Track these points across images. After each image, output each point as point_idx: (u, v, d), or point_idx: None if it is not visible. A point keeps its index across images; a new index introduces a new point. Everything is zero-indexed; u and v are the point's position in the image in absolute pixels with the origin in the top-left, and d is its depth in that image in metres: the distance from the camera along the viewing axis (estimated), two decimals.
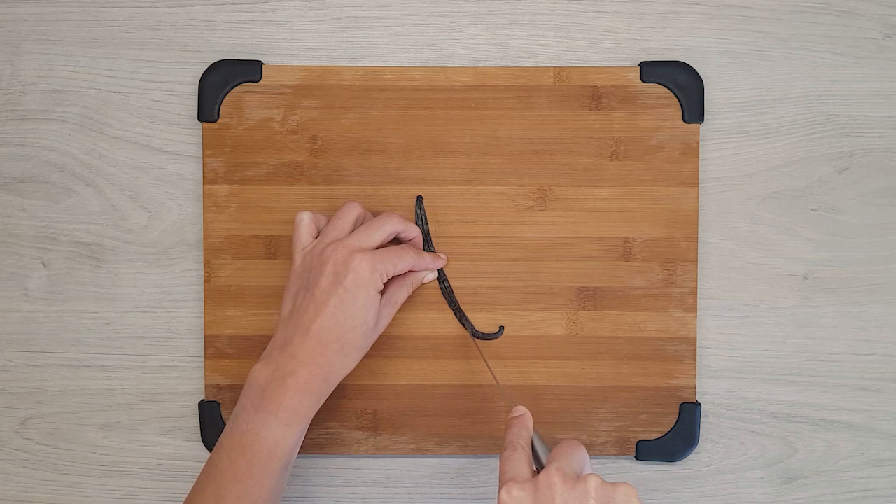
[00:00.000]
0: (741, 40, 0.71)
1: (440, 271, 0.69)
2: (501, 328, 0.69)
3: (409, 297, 0.68)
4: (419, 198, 0.69)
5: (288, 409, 0.60)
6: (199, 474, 0.62)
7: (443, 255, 0.68)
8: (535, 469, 0.58)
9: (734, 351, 0.71)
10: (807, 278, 0.71)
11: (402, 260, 0.64)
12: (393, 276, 0.65)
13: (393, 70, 0.69)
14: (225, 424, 0.69)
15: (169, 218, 0.71)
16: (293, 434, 0.60)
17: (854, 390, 0.71)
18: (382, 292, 0.64)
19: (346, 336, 0.61)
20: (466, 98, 0.69)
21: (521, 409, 0.61)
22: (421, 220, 0.69)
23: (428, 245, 0.69)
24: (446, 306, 0.69)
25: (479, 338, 0.69)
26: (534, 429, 0.60)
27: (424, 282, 0.68)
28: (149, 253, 0.71)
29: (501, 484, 0.55)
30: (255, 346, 0.69)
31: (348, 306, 0.61)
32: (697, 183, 0.69)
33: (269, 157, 0.69)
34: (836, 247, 0.71)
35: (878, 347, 0.71)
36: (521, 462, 0.57)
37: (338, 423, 0.69)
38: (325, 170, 0.69)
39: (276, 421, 0.60)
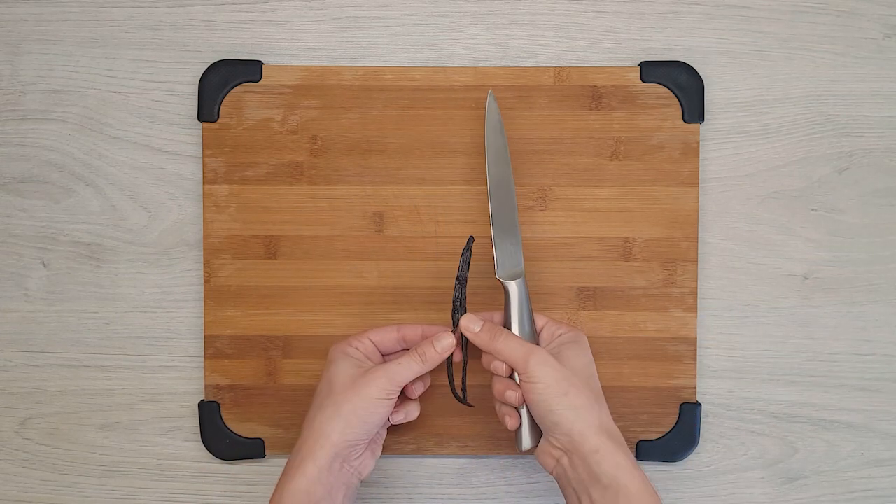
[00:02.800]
0: (741, 40, 0.71)
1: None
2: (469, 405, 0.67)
3: (409, 300, 0.68)
4: (471, 239, 0.65)
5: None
6: None
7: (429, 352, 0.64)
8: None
9: (734, 351, 0.71)
10: (807, 278, 0.71)
11: (379, 330, 0.65)
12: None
13: (393, 70, 0.69)
14: (224, 425, 0.70)
15: (169, 218, 0.71)
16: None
17: (854, 390, 0.71)
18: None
19: (312, 403, 0.63)
20: (466, 98, 0.69)
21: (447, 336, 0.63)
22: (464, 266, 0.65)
23: (461, 286, 0.65)
24: (446, 307, 0.69)
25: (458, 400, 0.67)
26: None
27: (437, 350, 0.63)
28: (149, 253, 0.71)
29: (520, 367, 0.60)
30: (255, 346, 0.69)
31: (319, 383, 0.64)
32: (697, 183, 0.69)
33: (269, 157, 0.69)
34: (836, 247, 0.71)
35: (878, 347, 0.71)
36: (512, 339, 0.61)
37: None
38: (325, 170, 0.69)
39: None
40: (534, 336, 0.64)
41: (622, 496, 0.57)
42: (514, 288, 0.64)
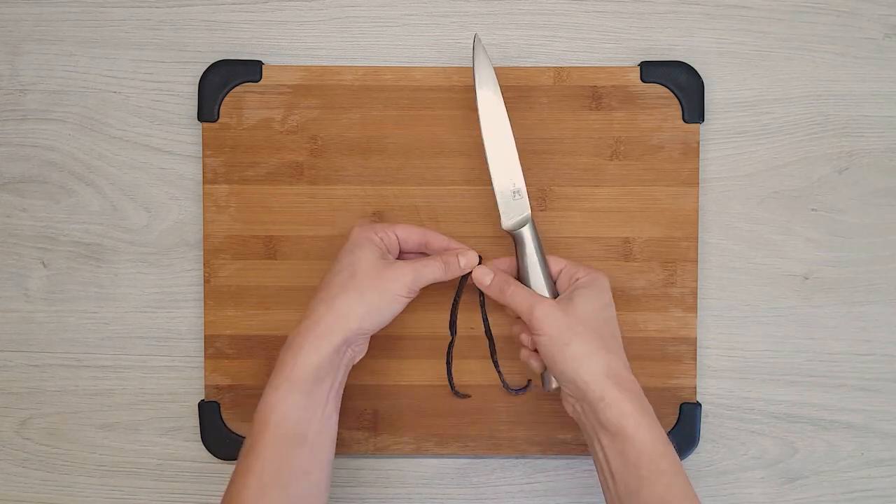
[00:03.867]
0: (741, 40, 0.71)
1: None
2: (529, 382, 0.69)
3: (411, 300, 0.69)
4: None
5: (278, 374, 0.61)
6: None
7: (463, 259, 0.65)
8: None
9: (734, 351, 0.71)
10: (807, 278, 0.71)
11: (407, 227, 0.65)
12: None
13: (393, 70, 0.69)
14: (224, 425, 0.70)
15: (169, 218, 0.71)
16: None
17: (854, 390, 0.71)
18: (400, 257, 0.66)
19: (332, 281, 0.62)
20: (466, 98, 0.69)
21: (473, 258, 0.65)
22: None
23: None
24: (445, 307, 0.69)
25: (509, 390, 0.69)
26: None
27: (461, 265, 0.64)
28: (149, 253, 0.71)
29: (525, 319, 0.61)
30: (255, 346, 0.69)
31: (335, 260, 0.64)
32: (697, 183, 0.69)
33: (269, 157, 0.69)
34: (836, 247, 0.71)
35: (878, 347, 0.71)
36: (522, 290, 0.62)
37: (338, 423, 0.69)
38: (325, 170, 0.69)
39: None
40: (550, 281, 0.64)
41: (629, 444, 0.58)
42: (523, 236, 0.64)
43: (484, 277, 0.64)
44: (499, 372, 0.68)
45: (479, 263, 0.65)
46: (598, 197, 0.69)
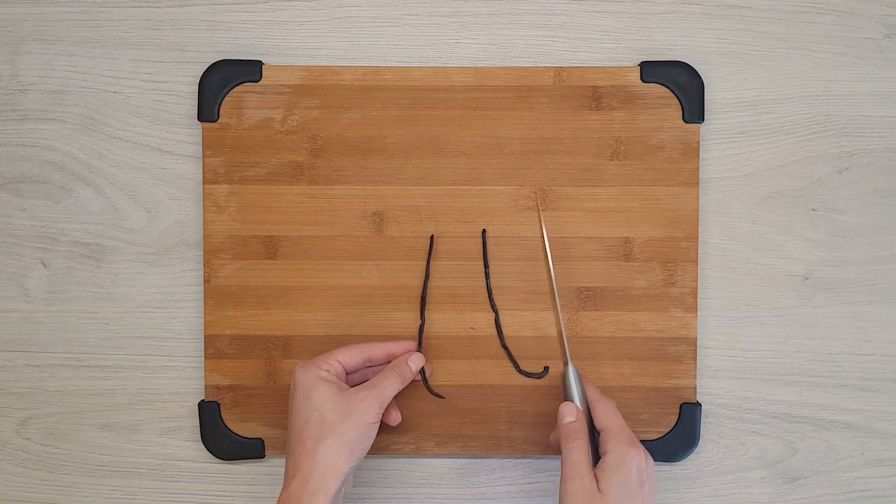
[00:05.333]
0: (741, 40, 0.71)
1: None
2: (546, 368, 0.69)
3: (409, 300, 0.68)
4: (483, 231, 0.69)
5: None
6: None
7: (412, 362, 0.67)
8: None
9: (734, 351, 0.71)
10: (807, 278, 0.71)
11: (345, 350, 0.65)
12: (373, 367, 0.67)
13: (393, 70, 0.69)
14: (224, 425, 0.70)
15: (169, 218, 0.71)
16: None
17: (854, 390, 0.71)
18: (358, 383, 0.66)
19: (303, 433, 0.62)
20: (466, 98, 0.69)
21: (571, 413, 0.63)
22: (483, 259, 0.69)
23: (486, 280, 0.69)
24: (445, 308, 0.69)
25: (524, 374, 0.69)
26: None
27: (412, 369, 0.66)
28: (149, 253, 0.71)
29: (562, 476, 0.60)
30: (254, 346, 0.69)
31: (294, 408, 0.63)
32: (697, 183, 0.69)
33: (269, 157, 0.69)
34: (836, 247, 0.71)
35: (878, 347, 0.71)
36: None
37: None
38: (325, 170, 0.69)
39: None
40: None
41: None
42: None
43: (567, 415, 0.63)
44: (510, 355, 0.68)
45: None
46: (598, 197, 0.69)
